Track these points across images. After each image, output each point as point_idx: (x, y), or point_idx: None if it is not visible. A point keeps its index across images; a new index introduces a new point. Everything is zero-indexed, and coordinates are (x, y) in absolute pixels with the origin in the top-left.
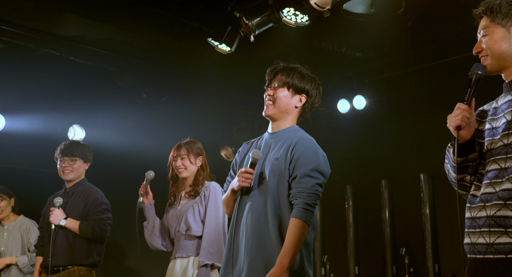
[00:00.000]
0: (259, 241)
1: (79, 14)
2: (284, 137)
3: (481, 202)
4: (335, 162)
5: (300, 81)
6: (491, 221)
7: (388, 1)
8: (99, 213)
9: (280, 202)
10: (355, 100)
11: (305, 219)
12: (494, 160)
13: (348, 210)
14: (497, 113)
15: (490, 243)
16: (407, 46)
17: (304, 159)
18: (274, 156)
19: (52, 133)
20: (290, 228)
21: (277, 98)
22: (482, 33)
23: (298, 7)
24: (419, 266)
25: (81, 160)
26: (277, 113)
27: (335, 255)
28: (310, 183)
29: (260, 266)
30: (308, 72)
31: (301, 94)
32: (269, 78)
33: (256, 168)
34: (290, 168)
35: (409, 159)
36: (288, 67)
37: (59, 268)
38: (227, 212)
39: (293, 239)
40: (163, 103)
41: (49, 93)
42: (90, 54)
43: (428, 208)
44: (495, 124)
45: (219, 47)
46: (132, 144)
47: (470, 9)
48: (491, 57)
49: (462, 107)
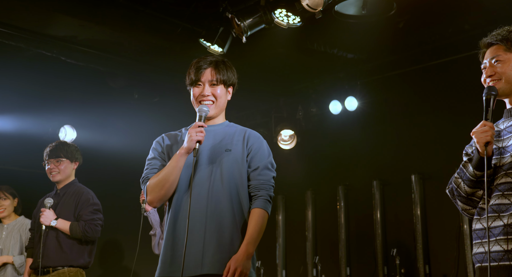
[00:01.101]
0: (220, 231)
1: (71, 15)
2: (226, 129)
3: (494, 212)
4: (327, 163)
5: (231, 75)
6: (509, 229)
7: (379, 3)
8: (90, 214)
9: (240, 193)
10: (347, 101)
11: (267, 209)
12: (506, 174)
13: (340, 211)
14: (502, 135)
15: (507, 250)
16: (398, 48)
17: (262, 152)
18: (223, 148)
19: (43, 133)
20: (256, 218)
21: (218, 98)
22: (496, 59)
23: (290, 8)
24: (410, 267)
25: (67, 160)
26: (218, 112)
27: (327, 256)
28: (269, 176)
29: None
30: (230, 63)
31: (230, 87)
32: (196, 76)
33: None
34: (248, 159)
35: (400, 160)
36: (217, 61)
37: (49, 269)
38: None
39: (259, 228)
40: (155, 104)
41: (40, 94)
42: (81, 54)
43: (419, 209)
44: (502, 144)
45: (211, 48)
46: (124, 144)
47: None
48: (506, 81)
49: (489, 125)
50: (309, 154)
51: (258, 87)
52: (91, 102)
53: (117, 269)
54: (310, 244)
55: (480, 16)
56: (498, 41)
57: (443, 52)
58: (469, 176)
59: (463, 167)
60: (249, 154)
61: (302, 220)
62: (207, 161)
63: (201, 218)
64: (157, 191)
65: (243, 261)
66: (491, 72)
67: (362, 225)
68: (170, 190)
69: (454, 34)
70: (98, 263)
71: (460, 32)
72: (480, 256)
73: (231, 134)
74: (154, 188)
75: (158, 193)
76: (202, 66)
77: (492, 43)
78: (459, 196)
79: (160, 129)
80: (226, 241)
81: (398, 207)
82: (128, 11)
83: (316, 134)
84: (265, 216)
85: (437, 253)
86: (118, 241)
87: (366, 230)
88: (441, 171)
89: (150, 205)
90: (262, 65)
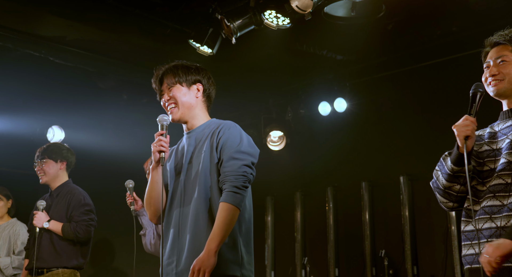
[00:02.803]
0: (194, 234)
1: (59, 15)
2: (205, 131)
3: (486, 214)
4: (316, 164)
5: (188, 73)
6: (502, 231)
7: (368, 4)
8: (81, 215)
9: (212, 190)
10: (336, 102)
11: (233, 202)
12: (498, 175)
13: (329, 212)
14: (497, 137)
15: None
16: (387, 49)
17: (229, 142)
18: (201, 150)
19: (30, 134)
20: (218, 212)
21: (177, 98)
22: (502, 59)
23: (279, 10)
24: (398, 268)
25: (50, 160)
26: (184, 112)
27: (315, 257)
28: (236, 165)
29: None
30: (189, 63)
31: (195, 84)
32: (158, 86)
33: (185, 170)
34: (218, 154)
35: (389, 161)
36: (169, 67)
37: (43, 270)
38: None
39: (221, 222)
40: (143, 105)
41: (28, 94)
42: (70, 55)
43: (408, 211)
44: (496, 146)
45: (201, 49)
46: (112, 145)
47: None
48: (509, 82)
49: (471, 119)
50: (298, 155)
51: (247, 88)
52: (80, 102)
53: (109, 269)
54: (299, 245)
55: (468, 18)
56: (506, 41)
57: (431, 54)
58: (447, 169)
59: (442, 160)
60: (217, 147)
61: (291, 221)
62: (191, 168)
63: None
64: (148, 208)
65: (204, 259)
66: (495, 72)
67: (350, 226)
68: (157, 204)
69: (442, 36)
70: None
71: (448, 34)
72: (470, 258)
73: (207, 135)
74: (146, 206)
75: (150, 210)
76: (157, 76)
77: (499, 43)
78: (437, 188)
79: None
80: (202, 242)
81: (386, 208)
82: (117, 12)
83: (305, 135)
84: (228, 208)
85: (425, 254)
86: (110, 241)
87: (354, 231)
88: (429, 172)
89: (151, 221)
90: (252, 66)
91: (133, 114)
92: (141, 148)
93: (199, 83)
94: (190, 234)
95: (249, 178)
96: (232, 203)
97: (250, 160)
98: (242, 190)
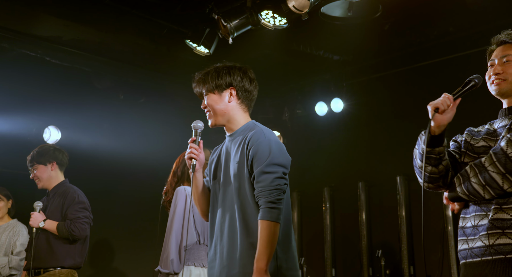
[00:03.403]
0: (232, 250)
1: (56, 15)
2: (240, 137)
3: (482, 211)
4: (312, 164)
5: (218, 78)
6: (489, 224)
7: (365, 5)
8: (75, 212)
9: (245, 205)
10: (333, 103)
11: (271, 218)
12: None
13: (326, 212)
14: (495, 135)
15: (489, 245)
16: (384, 50)
17: (258, 155)
18: (235, 160)
19: (27, 134)
20: (260, 231)
21: (210, 106)
22: (506, 59)
23: (276, 10)
24: (395, 268)
25: (40, 165)
26: (218, 119)
27: (312, 257)
28: (269, 179)
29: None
30: (223, 65)
31: (227, 89)
32: (197, 93)
33: (222, 174)
34: (249, 167)
35: (385, 161)
36: (202, 74)
37: (40, 270)
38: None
39: (264, 241)
40: (140, 105)
41: (25, 94)
42: (66, 55)
43: (404, 210)
44: (493, 144)
45: (197, 49)
46: (109, 145)
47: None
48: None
49: (446, 95)
50: (295, 155)
51: None
52: (76, 102)
53: (109, 269)
54: (296, 245)
55: (465, 18)
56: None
57: (428, 54)
58: (420, 149)
59: (419, 138)
60: (248, 161)
61: None
62: (228, 174)
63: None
64: (197, 206)
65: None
66: (499, 70)
67: (347, 226)
68: (202, 205)
69: (439, 36)
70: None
71: (445, 35)
72: (464, 253)
73: (238, 145)
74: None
75: (198, 208)
76: (193, 85)
77: (506, 42)
78: (415, 166)
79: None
80: (237, 256)
81: (383, 208)
82: (113, 12)
83: (302, 135)
84: (268, 225)
85: (422, 254)
86: (109, 241)
87: (351, 231)
88: None
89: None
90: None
91: (129, 114)
92: (137, 147)
93: (231, 86)
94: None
95: (283, 189)
96: (270, 219)
97: (282, 171)
98: (278, 204)
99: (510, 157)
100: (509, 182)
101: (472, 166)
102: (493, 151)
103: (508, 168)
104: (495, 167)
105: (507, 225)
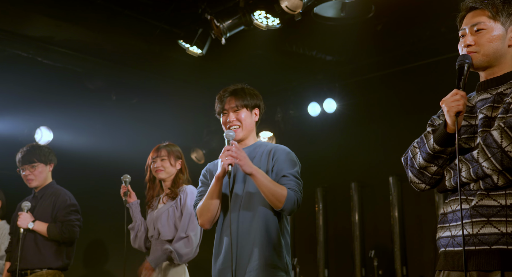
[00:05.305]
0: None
1: (47, 15)
2: (256, 151)
3: (463, 195)
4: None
5: (252, 98)
6: (473, 211)
7: (358, 5)
8: (66, 215)
9: (268, 208)
10: (326, 103)
11: (295, 195)
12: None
13: (318, 213)
14: (473, 111)
15: (472, 234)
16: (376, 50)
17: (287, 163)
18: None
19: (18, 135)
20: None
21: (242, 121)
22: (477, 27)
23: (269, 10)
24: (388, 268)
25: (41, 164)
26: (246, 134)
27: (305, 257)
28: (298, 186)
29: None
30: (251, 88)
31: (254, 109)
32: (222, 105)
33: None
34: (273, 170)
35: (378, 162)
36: (237, 89)
37: (27, 271)
38: (204, 219)
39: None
40: (133, 106)
41: (16, 94)
42: (58, 55)
43: (397, 211)
44: (475, 121)
45: (190, 49)
46: (101, 146)
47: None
48: (484, 54)
49: (461, 93)
50: None
51: None
52: (68, 103)
53: (101, 271)
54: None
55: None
56: (483, 5)
57: (420, 54)
58: (427, 148)
59: (424, 137)
60: (274, 165)
61: None
62: (241, 182)
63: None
64: (205, 213)
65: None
66: (470, 41)
67: (340, 226)
68: (215, 211)
69: (431, 36)
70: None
71: (437, 35)
72: (444, 240)
73: (260, 154)
74: (202, 211)
75: (206, 215)
76: (224, 95)
77: (475, 7)
78: (412, 166)
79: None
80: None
81: (376, 209)
82: (106, 12)
83: (294, 136)
84: (284, 189)
85: (414, 255)
86: (102, 243)
87: (344, 232)
88: None
89: (202, 227)
90: (241, 66)
91: (122, 114)
92: (129, 148)
93: (258, 108)
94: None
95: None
96: (288, 191)
97: (299, 187)
98: (299, 195)
99: (507, 153)
100: (505, 179)
101: (464, 161)
102: (485, 143)
103: (505, 164)
104: (490, 164)
105: (492, 213)
